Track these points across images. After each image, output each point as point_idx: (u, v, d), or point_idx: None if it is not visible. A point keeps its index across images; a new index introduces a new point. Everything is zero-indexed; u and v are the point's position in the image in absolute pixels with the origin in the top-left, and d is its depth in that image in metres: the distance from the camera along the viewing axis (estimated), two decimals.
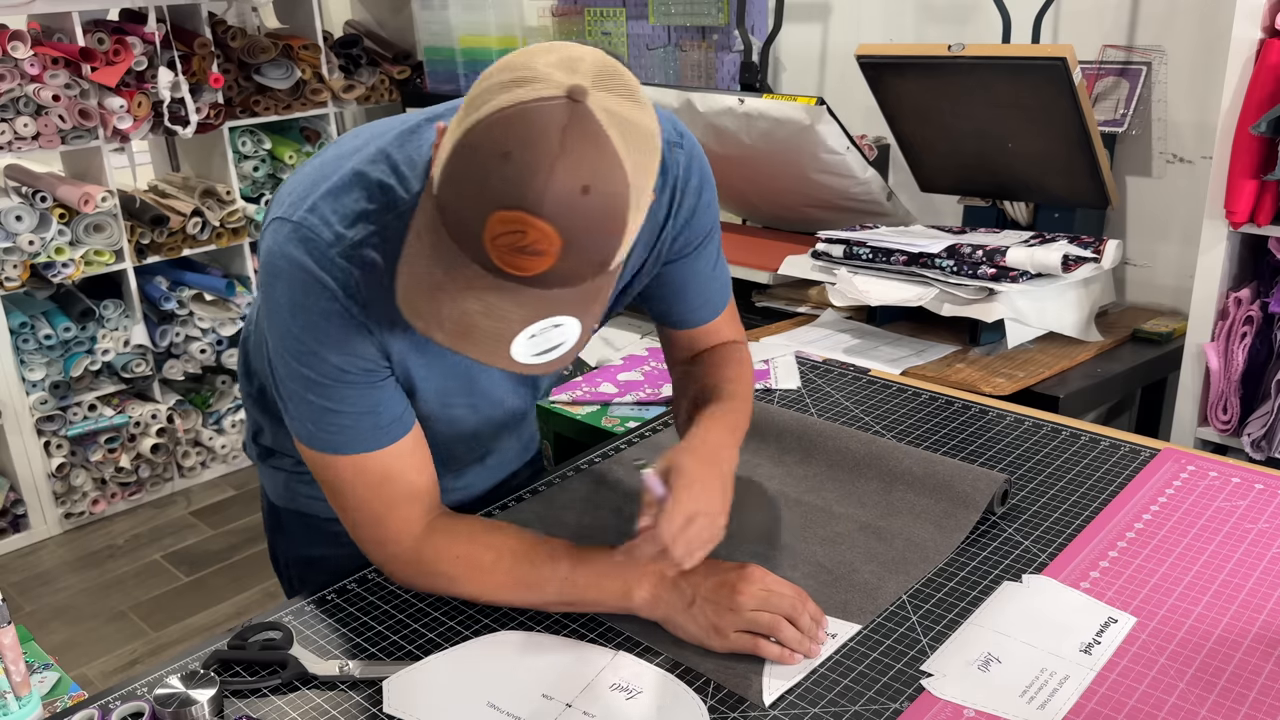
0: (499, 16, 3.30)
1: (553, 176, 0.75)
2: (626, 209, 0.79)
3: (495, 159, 0.75)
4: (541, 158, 0.75)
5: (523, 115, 0.75)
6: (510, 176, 0.75)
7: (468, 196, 0.77)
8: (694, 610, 0.97)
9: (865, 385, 1.58)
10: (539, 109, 0.75)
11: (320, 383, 0.95)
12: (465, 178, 0.77)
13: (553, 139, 0.75)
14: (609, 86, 0.79)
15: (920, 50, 2.11)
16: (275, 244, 0.93)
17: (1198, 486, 1.24)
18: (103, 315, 3.06)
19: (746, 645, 0.96)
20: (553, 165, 0.75)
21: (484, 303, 0.80)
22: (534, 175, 0.75)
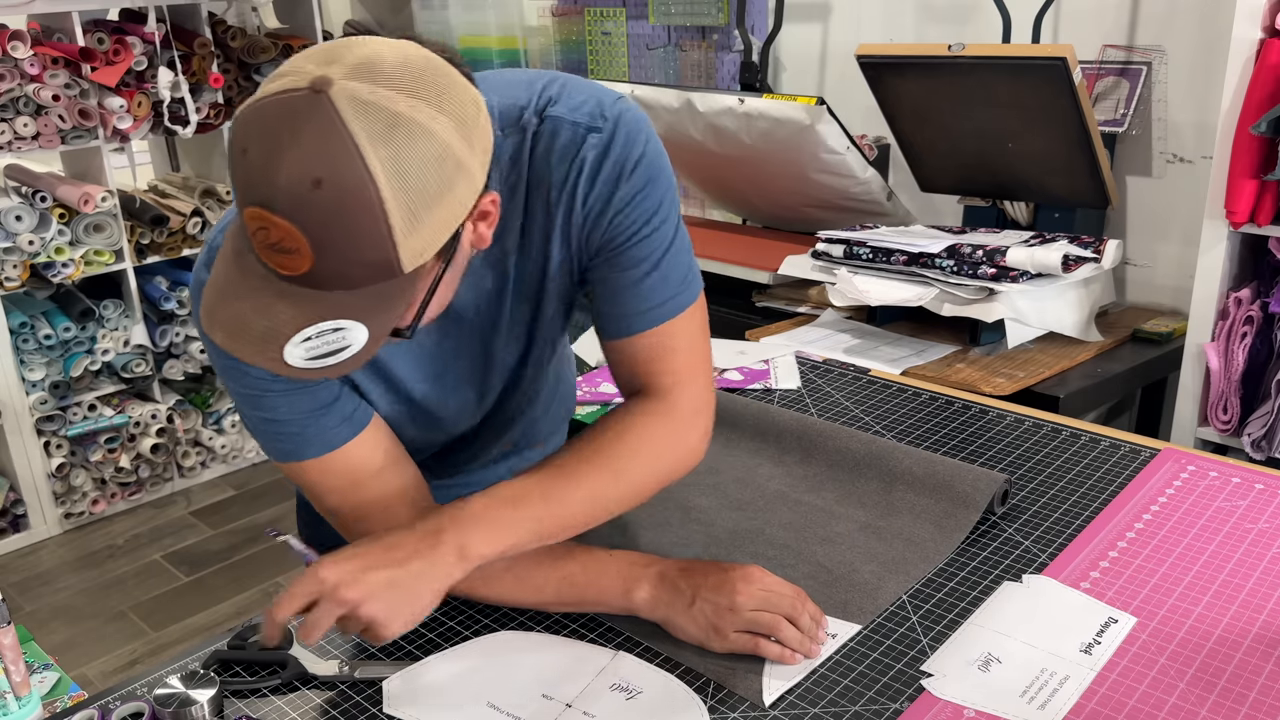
0: (499, 16, 3.30)
1: (280, 171, 0.72)
2: (376, 204, 0.72)
3: (238, 154, 0.74)
4: (271, 151, 0.72)
5: (260, 110, 0.73)
6: (249, 172, 0.73)
7: (234, 192, 0.76)
8: (694, 611, 0.97)
9: (865, 385, 1.58)
10: (277, 102, 0.73)
11: (251, 395, 0.94)
12: (230, 174, 0.76)
13: (283, 132, 0.72)
14: (371, 78, 0.74)
15: (920, 50, 2.11)
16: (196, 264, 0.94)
17: (1198, 486, 1.23)
18: (103, 315, 3.06)
19: (747, 645, 0.96)
20: (281, 159, 0.71)
21: (260, 302, 0.77)
22: (264, 170, 0.72)
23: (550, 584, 1.01)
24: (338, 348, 0.78)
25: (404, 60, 0.76)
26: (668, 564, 1.01)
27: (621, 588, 1.00)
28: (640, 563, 1.01)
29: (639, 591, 0.99)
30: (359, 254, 0.74)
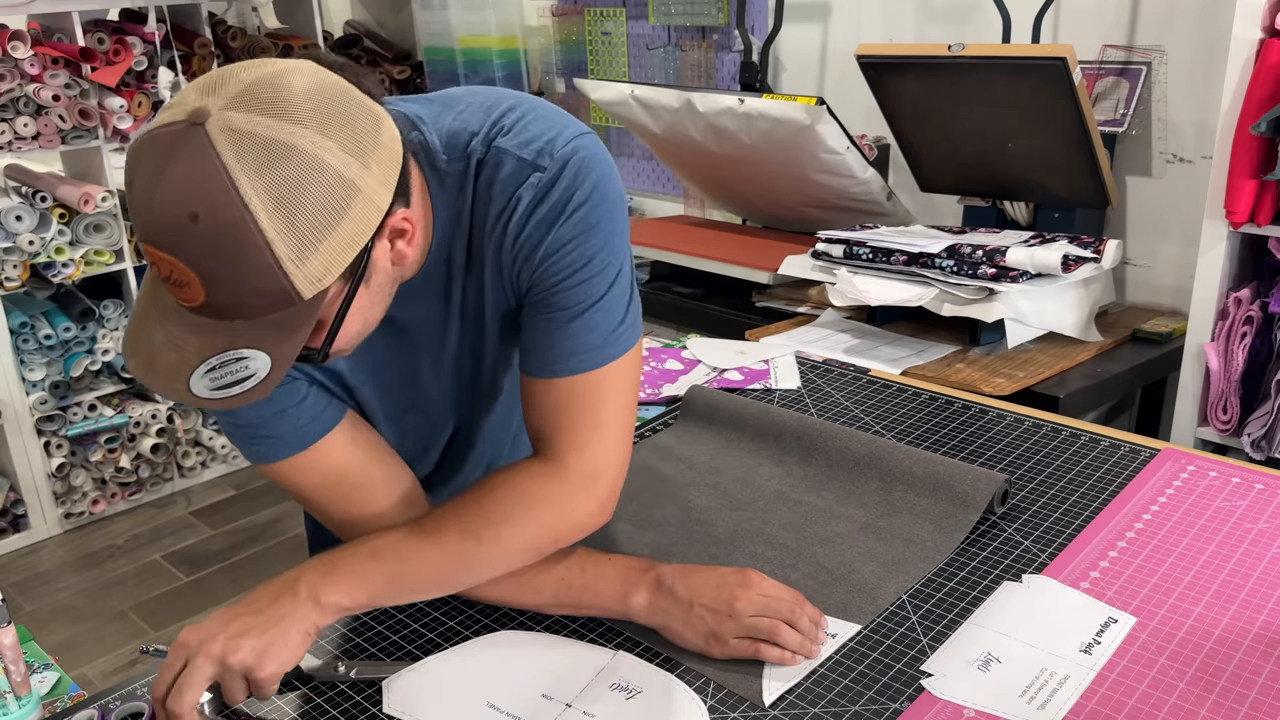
0: (499, 16, 3.30)
1: (154, 206, 0.72)
2: (256, 235, 0.71)
3: (128, 187, 0.75)
4: (150, 186, 0.72)
5: (143, 144, 0.74)
6: (135, 206, 0.74)
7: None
8: (692, 618, 0.97)
9: (865, 385, 1.58)
10: (155, 137, 0.73)
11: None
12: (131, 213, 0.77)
13: (156, 167, 0.72)
14: (250, 106, 0.73)
15: (920, 50, 2.11)
16: None
17: (1198, 486, 1.24)
18: (103, 315, 3.06)
19: (746, 651, 0.95)
20: (155, 195, 0.72)
21: (167, 332, 0.77)
22: (146, 205, 0.73)
23: (548, 586, 1.01)
24: (242, 376, 0.78)
25: (289, 86, 0.75)
26: (665, 569, 1.00)
27: (619, 593, 1.00)
28: (638, 568, 1.01)
29: (636, 597, 0.99)
30: (250, 284, 0.74)
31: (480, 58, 3.36)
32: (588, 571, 1.01)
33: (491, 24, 3.31)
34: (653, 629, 1.00)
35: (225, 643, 0.88)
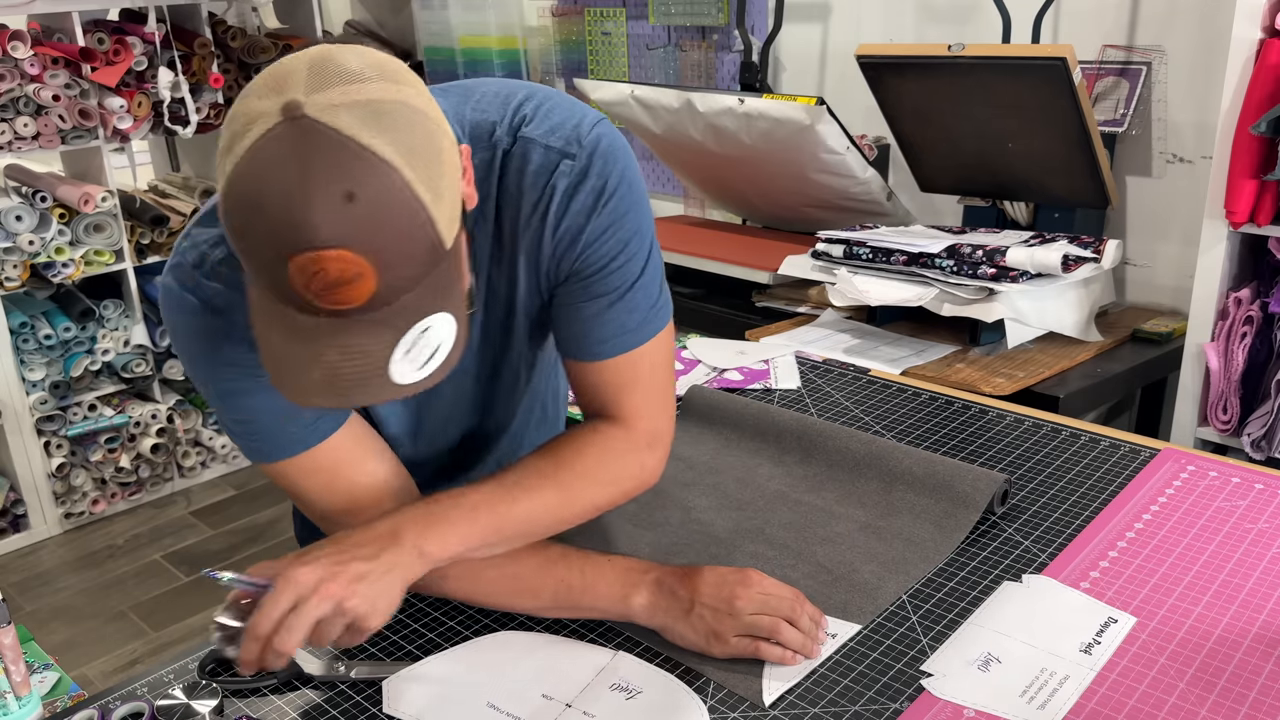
0: (499, 16, 3.30)
1: (310, 204, 0.69)
2: (407, 186, 0.72)
3: (254, 215, 0.71)
4: (289, 194, 0.70)
5: (252, 161, 0.71)
6: (275, 226, 0.70)
7: (258, 261, 0.73)
8: (692, 617, 0.97)
9: (865, 385, 1.58)
10: (263, 146, 0.71)
11: (226, 395, 0.94)
12: (245, 249, 0.74)
13: (292, 170, 0.70)
14: (325, 83, 0.72)
15: (920, 50, 2.11)
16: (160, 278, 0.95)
17: (1198, 486, 1.24)
18: (103, 315, 3.06)
19: (747, 649, 0.95)
20: (305, 193, 0.69)
21: (338, 347, 0.75)
22: (292, 214, 0.70)
23: (547, 589, 1.00)
24: (435, 346, 0.78)
25: (339, 58, 0.75)
26: (665, 570, 1.00)
27: (619, 594, 0.99)
28: (638, 569, 1.01)
29: (636, 598, 0.99)
30: (409, 247, 0.73)
31: (480, 58, 3.36)
32: (587, 573, 1.00)
33: (491, 24, 3.31)
34: (653, 630, 1.00)
35: (345, 586, 0.85)
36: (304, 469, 0.97)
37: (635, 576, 1.00)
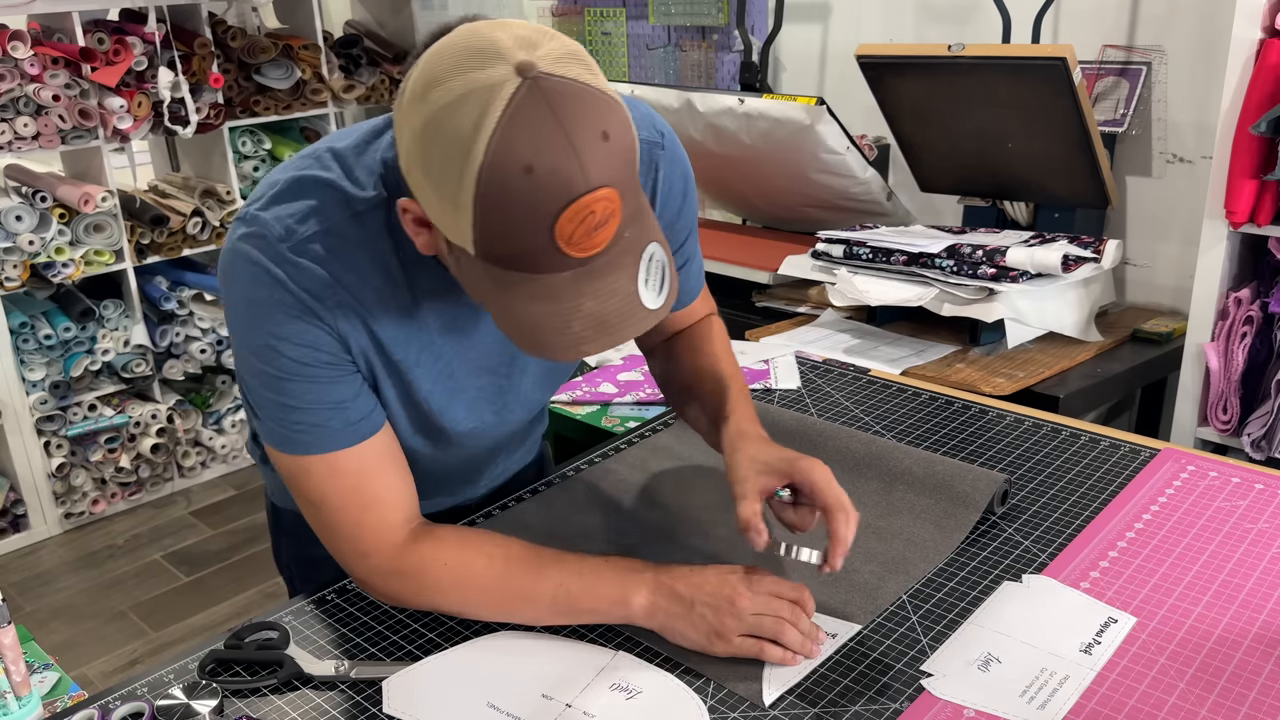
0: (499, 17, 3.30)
1: (579, 150, 0.76)
2: (628, 118, 0.81)
3: (525, 178, 0.75)
4: (560, 148, 0.76)
5: (511, 126, 0.75)
6: (548, 180, 0.75)
7: (520, 231, 0.77)
8: (694, 616, 0.96)
9: (865, 385, 1.58)
10: (517, 110, 0.75)
11: (281, 378, 0.93)
12: (507, 220, 0.77)
13: (551, 124, 0.75)
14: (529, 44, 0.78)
15: (920, 50, 2.11)
16: (229, 243, 0.94)
17: (1198, 486, 1.23)
18: (103, 315, 3.06)
19: (751, 650, 0.95)
20: (571, 142, 0.76)
21: (592, 294, 0.81)
22: (566, 166, 0.76)
23: (545, 594, 0.98)
24: (662, 269, 0.85)
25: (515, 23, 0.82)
26: (664, 569, 0.99)
27: (619, 595, 0.98)
28: (636, 569, 1.00)
29: (637, 599, 0.97)
30: (635, 175, 0.82)
31: None
32: (585, 576, 0.99)
33: None
34: (652, 630, 1.00)
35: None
36: (334, 467, 0.97)
37: (635, 577, 0.99)
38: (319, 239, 0.92)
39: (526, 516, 1.23)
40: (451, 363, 1.03)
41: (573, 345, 0.82)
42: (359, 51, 3.60)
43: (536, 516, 1.23)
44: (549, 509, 1.24)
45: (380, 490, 0.99)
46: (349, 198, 0.93)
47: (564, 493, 1.28)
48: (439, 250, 0.88)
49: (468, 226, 0.79)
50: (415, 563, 1.00)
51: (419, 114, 0.80)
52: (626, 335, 0.83)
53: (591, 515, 1.22)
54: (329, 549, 1.02)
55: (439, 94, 0.78)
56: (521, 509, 1.25)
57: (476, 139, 0.75)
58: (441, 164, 0.78)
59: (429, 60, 0.81)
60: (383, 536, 0.99)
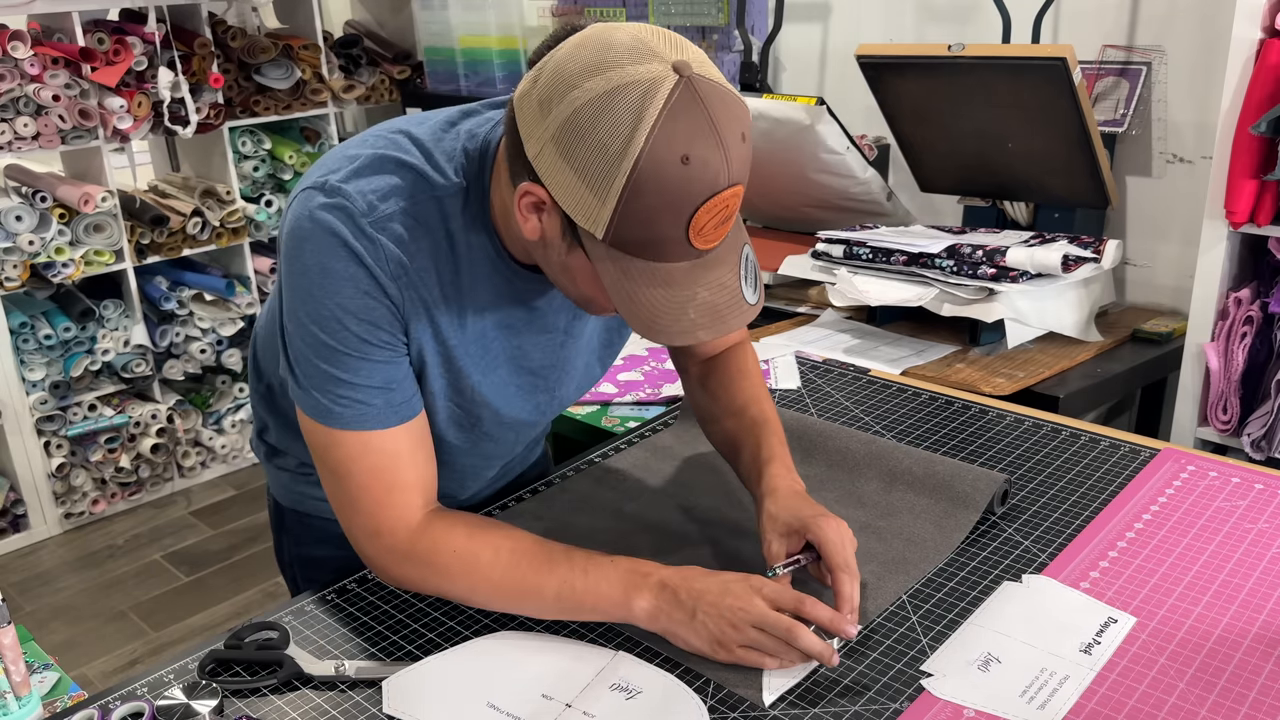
0: (499, 16, 3.30)
1: (726, 146, 0.81)
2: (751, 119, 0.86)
3: (677, 169, 0.80)
4: (712, 140, 0.81)
5: (670, 119, 0.80)
6: (699, 171, 0.80)
7: (661, 218, 0.82)
8: (696, 623, 0.95)
9: (865, 385, 1.58)
10: (676, 105, 0.80)
11: (339, 350, 0.94)
12: (652, 206, 0.81)
13: (705, 120, 0.81)
14: (676, 46, 0.84)
15: (920, 50, 2.11)
16: (306, 209, 0.94)
17: (1198, 486, 1.23)
18: (103, 315, 3.06)
19: (752, 661, 0.95)
20: (721, 138, 0.81)
21: (706, 285, 0.86)
22: (715, 156, 0.81)
23: (548, 589, 0.99)
24: (755, 269, 0.92)
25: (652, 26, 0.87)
26: (669, 572, 0.99)
27: (621, 597, 0.98)
28: (641, 570, 0.99)
29: (640, 601, 0.97)
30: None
31: (480, 58, 3.36)
32: (590, 574, 0.99)
33: (491, 24, 3.31)
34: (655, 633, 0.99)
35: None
36: (368, 445, 0.98)
37: (638, 579, 0.98)
38: (399, 218, 0.93)
39: (526, 517, 1.23)
40: (500, 357, 1.05)
41: (688, 331, 0.87)
42: (359, 51, 3.60)
43: (536, 516, 1.23)
44: (549, 509, 1.24)
45: (407, 474, 1.00)
46: (430, 182, 0.95)
47: (564, 493, 1.28)
48: (545, 237, 0.90)
49: (608, 211, 0.83)
50: (426, 547, 1.00)
51: (569, 102, 0.82)
52: (734, 326, 0.88)
53: (591, 515, 1.22)
54: (342, 522, 1.02)
55: (596, 83, 0.81)
56: (521, 509, 1.25)
57: (638, 127, 0.79)
58: (595, 149, 0.81)
59: (575, 52, 0.84)
60: (399, 518, 1.00)
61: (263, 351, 1.18)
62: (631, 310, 0.86)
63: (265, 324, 1.17)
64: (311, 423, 0.99)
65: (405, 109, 3.61)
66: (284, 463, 1.24)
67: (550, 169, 0.84)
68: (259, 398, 1.22)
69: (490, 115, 1.00)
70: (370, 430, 0.97)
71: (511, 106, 0.89)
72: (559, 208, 0.86)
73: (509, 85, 3.34)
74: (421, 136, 0.97)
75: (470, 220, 0.97)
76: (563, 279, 0.94)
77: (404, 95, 3.64)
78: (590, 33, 0.86)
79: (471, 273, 0.98)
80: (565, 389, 1.14)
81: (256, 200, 3.36)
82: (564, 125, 0.82)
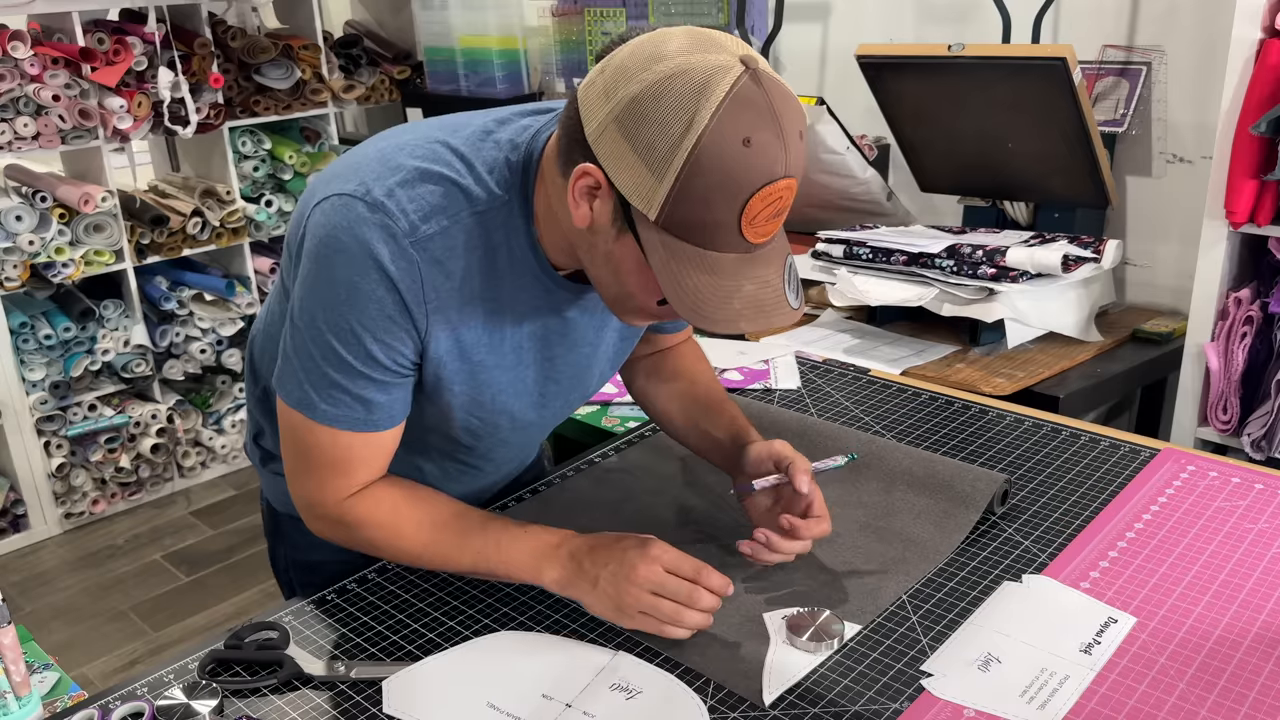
0: (499, 16, 3.30)
1: (786, 138, 0.83)
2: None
3: (738, 150, 0.81)
4: (773, 128, 0.82)
5: (734, 104, 0.81)
6: (757, 158, 0.82)
7: (717, 200, 0.83)
8: (599, 591, 0.99)
9: (865, 385, 1.58)
10: (741, 91, 0.81)
11: (347, 362, 0.95)
12: (710, 187, 0.82)
13: (769, 110, 0.82)
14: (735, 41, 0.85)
15: (920, 50, 2.11)
16: (345, 221, 0.93)
17: (1198, 487, 1.23)
18: (103, 315, 3.06)
19: (650, 628, 0.97)
20: (781, 130, 0.83)
21: (753, 279, 0.87)
22: (773, 145, 0.82)
23: (465, 557, 1.04)
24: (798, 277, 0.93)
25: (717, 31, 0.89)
26: (578, 542, 1.02)
27: (532, 566, 1.02)
28: (552, 542, 1.02)
29: (549, 572, 1.01)
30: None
31: (480, 58, 3.36)
32: (503, 547, 1.03)
33: (491, 24, 3.31)
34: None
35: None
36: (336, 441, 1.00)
37: (549, 550, 1.02)
38: (439, 238, 0.93)
39: (525, 516, 1.22)
40: (530, 369, 1.06)
41: (732, 320, 0.87)
42: (359, 51, 3.60)
43: (536, 516, 1.22)
44: (549, 509, 1.24)
45: (360, 471, 1.03)
46: (472, 198, 0.95)
47: (564, 493, 1.28)
48: (595, 223, 0.90)
49: (664, 190, 0.83)
50: (352, 519, 1.04)
51: (637, 83, 0.84)
52: (776, 322, 0.89)
53: (591, 515, 1.22)
54: (289, 483, 1.06)
55: (665, 66, 0.83)
56: (521, 509, 1.25)
57: (702, 106, 0.81)
58: (658, 127, 0.82)
59: (642, 45, 0.86)
60: (333, 496, 1.03)
61: (260, 355, 1.18)
62: (677, 294, 0.87)
63: (263, 328, 1.17)
64: (287, 405, 1.01)
65: (405, 109, 3.61)
66: (279, 468, 1.22)
67: (609, 149, 0.86)
68: (255, 401, 1.22)
69: (527, 123, 1.00)
70: (344, 430, 0.99)
71: (574, 98, 0.91)
72: (614, 189, 0.87)
73: (509, 85, 3.34)
74: (461, 148, 0.97)
75: (512, 232, 0.97)
76: (604, 271, 0.94)
77: (404, 95, 3.64)
78: (657, 31, 0.88)
79: (513, 285, 0.99)
80: (580, 396, 1.16)
81: (256, 200, 3.35)
82: (628, 105, 0.84)
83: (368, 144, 1.01)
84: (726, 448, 1.17)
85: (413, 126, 1.02)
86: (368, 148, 1.00)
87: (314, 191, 0.99)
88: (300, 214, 0.99)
